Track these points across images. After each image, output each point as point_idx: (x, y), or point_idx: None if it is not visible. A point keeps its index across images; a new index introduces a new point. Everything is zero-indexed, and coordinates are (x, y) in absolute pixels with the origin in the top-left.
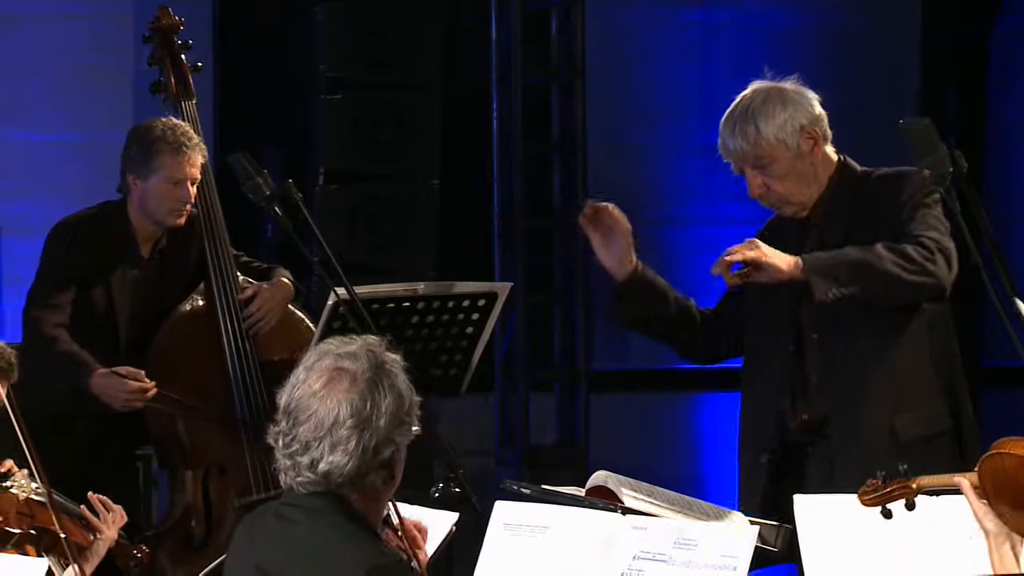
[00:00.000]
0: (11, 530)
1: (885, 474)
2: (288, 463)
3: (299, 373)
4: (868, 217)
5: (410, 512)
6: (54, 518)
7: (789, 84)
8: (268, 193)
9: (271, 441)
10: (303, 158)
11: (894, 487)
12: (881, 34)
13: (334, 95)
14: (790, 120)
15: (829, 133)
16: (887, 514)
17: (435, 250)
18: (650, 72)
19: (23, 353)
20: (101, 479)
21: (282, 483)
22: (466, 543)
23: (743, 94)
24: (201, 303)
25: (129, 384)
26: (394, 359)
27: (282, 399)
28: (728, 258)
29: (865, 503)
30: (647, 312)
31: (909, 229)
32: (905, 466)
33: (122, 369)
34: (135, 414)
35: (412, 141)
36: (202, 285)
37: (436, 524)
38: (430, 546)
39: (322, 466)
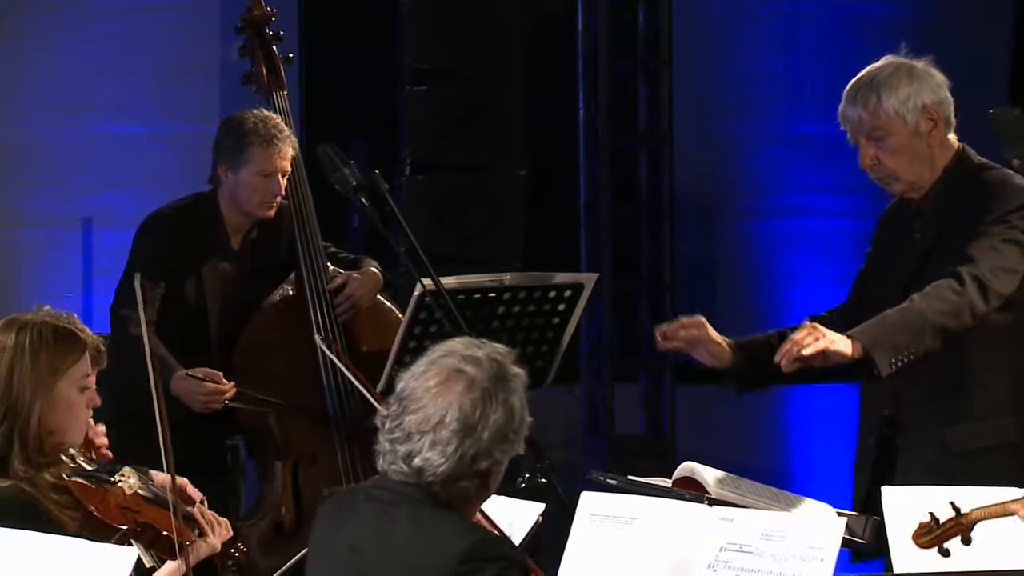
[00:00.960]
0: (114, 526)
1: (934, 515)
2: (387, 447)
3: (422, 363)
4: (964, 221)
5: (497, 504)
6: (159, 514)
7: (921, 63)
8: (355, 184)
9: (378, 422)
10: (389, 149)
11: (947, 526)
12: (970, 23)
13: (420, 86)
14: (913, 96)
15: (953, 120)
16: (944, 553)
17: (521, 240)
18: (737, 62)
19: (111, 347)
20: (191, 469)
21: (378, 466)
22: (552, 534)
23: (873, 65)
24: (291, 294)
25: (206, 386)
26: (517, 373)
27: (399, 383)
28: (798, 351)
29: (921, 546)
30: (763, 374)
31: (967, 249)
32: (954, 503)
33: (199, 371)
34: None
35: (498, 131)
36: (292, 276)
37: (522, 515)
38: (518, 535)
39: (417, 461)
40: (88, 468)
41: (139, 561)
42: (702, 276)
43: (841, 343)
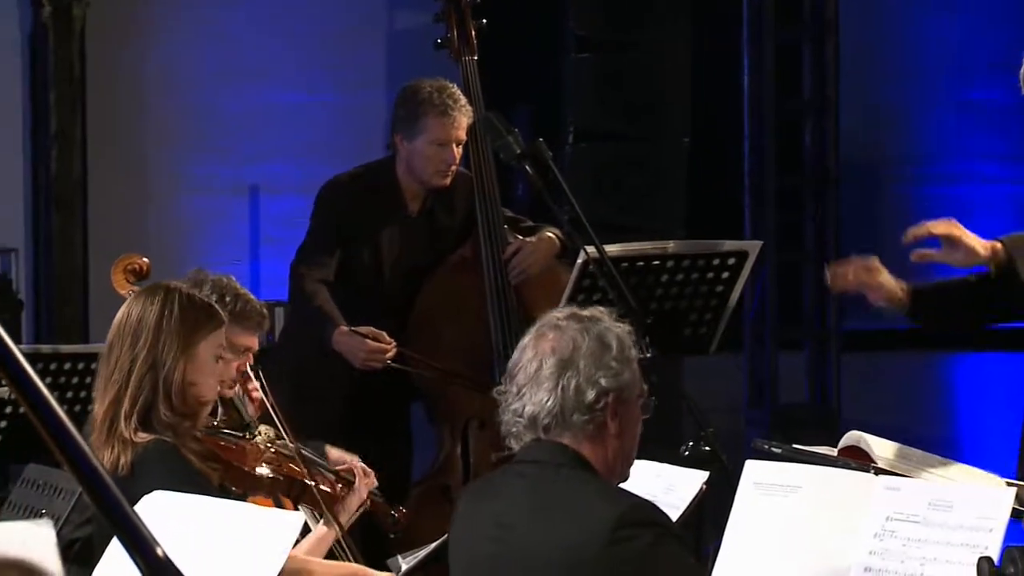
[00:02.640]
0: (264, 473)
1: None
2: (506, 418)
3: (523, 338)
4: None
5: (660, 471)
6: (300, 468)
7: None
8: (519, 152)
9: (501, 411)
10: (553, 116)
11: None
12: None
13: (583, 53)
14: None
15: None
16: None
17: (685, 208)
18: (904, 28)
19: (290, 309)
20: (369, 432)
21: (511, 446)
22: (716, 502)
23: None
24: (467, 260)
25: (368, 344)
26: (608, 317)
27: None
28: (920, 231)
29: None
30: (944, 317)
31: None
32: None
33: (363, 329)
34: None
35: (662, 99)
36: (469, 242)
37: (686, 483)
38: (681, 504)
39: (528, 408)
40: (223, 426)
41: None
42: (867, 244)
43: (977, 241)
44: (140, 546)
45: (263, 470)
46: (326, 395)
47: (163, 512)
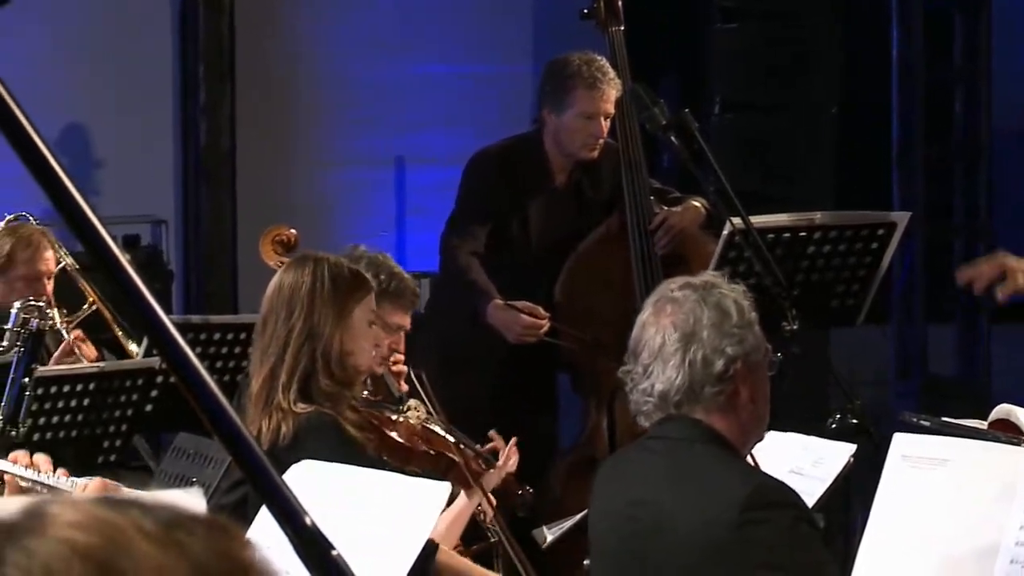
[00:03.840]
0: (415, 446)
1: None
2: (635, 397)
3: (640, 313)
4: None
5: (806, 443)
6: (448, 443)
7: None
8: (665, 123)
9: (625, 385)
10: (699, 87)
11: None
12: None
13: (729, 23)
14: None
15: None
16: None
17: (832, 179)
18: None
19: (439, 281)
20: (516, 404)
21: (641, 424)
22: (863, 475)
23: None
24: (613, 231)
25: (523, 319)
26: (725, 283)
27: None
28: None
29: None
30: None
31: None
32: None
33: (519, 303)
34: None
35: (809, 69)
36: (615, 213)
37: (833, 456)
38: (828, 478)
39: (658, 386)
40: (377, 399)
41: None
42: (1019, 215)
43: None
44: (289, 514)
45: (414, 443)
46: (474, 367)
47: (312, 481)
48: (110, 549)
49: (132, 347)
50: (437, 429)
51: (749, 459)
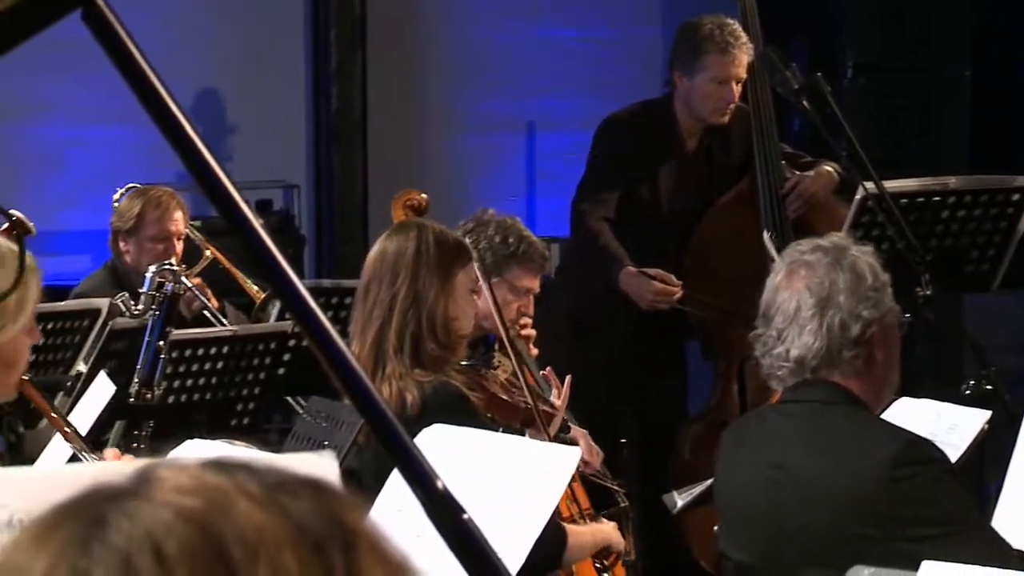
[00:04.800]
0: (513, 402)
1: None
2: (768, 361)
3: (771, 276)
4: None
5: (940, 410)
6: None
7: None
8: (797, 87)
9: (755, 348)
10: (831, 51)
11: None
12: None
13: None
14: None
15: None
16: None
17: (965, 143)
18: None
19: (569, 246)
20: (645, 369)
21: (774, 387)
22: (998, 442)
23: None
24: (744, 196)
25: (655, 286)
26: (854, 245)
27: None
28: None
29: None
30: None
31: None
32: None
33: (651, 271)
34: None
35: (942, 32)
36: (746, 177)
37: (967, 422)
38: (962, 444)
39: (794, 352)
40: (469, 360)
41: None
42: None
43: None
44: (420, 478)
45: (512, 399)
46: (603, 332)
47: (442, 445)
48: (212, 511)
49: (252, 286)
50: (521, 385)
51: None
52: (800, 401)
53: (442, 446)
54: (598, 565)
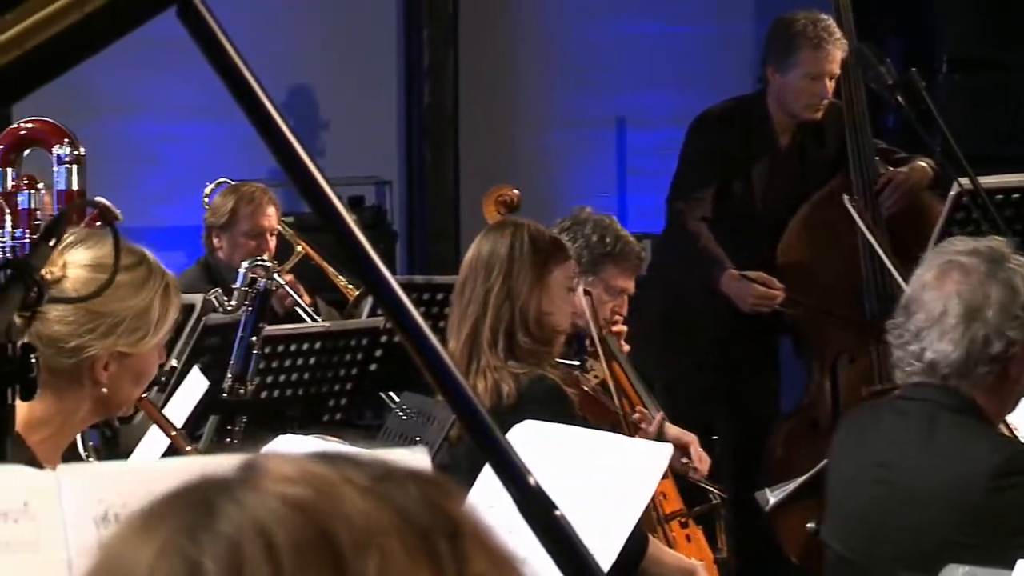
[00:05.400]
0: (606, 403)
1: None
2: (899, 354)
3: (919, 268)
4: None
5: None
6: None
7: None
8: (891, 83)
9: (888, 336)
10: (925, 47)
11: None
12: None
13: None
14: None
15: None
16: None
17: None
18: None
19: (663, 244)
20: (737, 367)
21: (896, 378)
22: None
23: None
24: (837, 192)
25: (758, 289)
26: (1012, 253)
27: (904, 295)
28: None
29: None
30: None
31: None
32: None
33: (753, 274)
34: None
35: None
36: (839, 174)
37: None
38: None
39: (928, 355)
40: (566, 358)
41: None
42: None
43: None
44: (512, 474)
45: (605, 400)
46: (695, 329)
47: (534, 440)
48: (320, 500)
49: (344, 283)
50: (617, 388)
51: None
52: (917, 399)
53: (534, 442)
54: None
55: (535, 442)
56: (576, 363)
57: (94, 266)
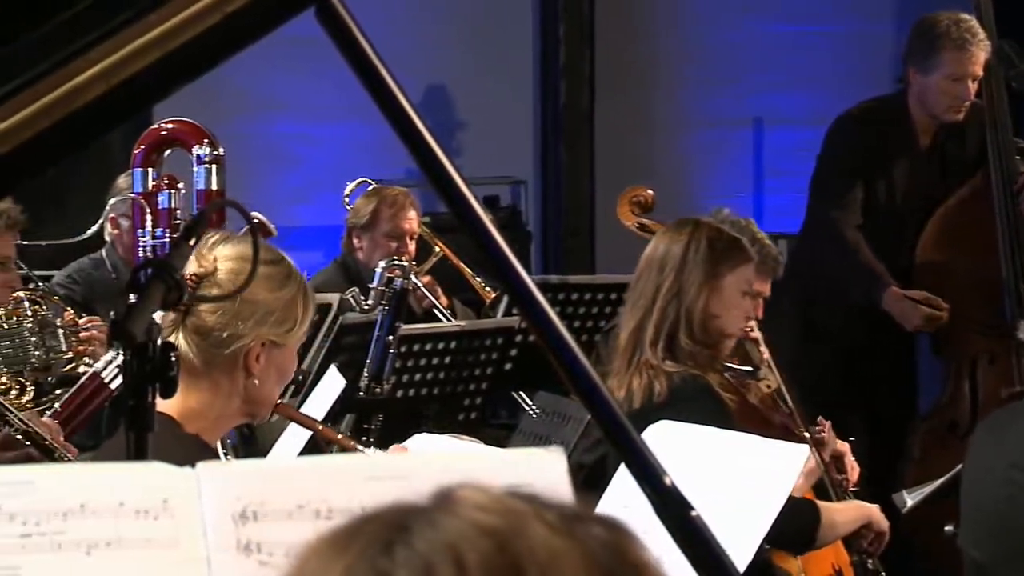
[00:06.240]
0: (769, 415)
1: None
2: None
3: None
4: None
5: None
6: (794, 419)
7: None
8: None
9: (1020, 334)
10: None
11: None
12: None
13: None
14: None
15: None
16: None
17: None
18: None
19: (802, 246)
20: (874, 369)
21: None
22: None
23: None
24: (977, 193)
25: (923, 310)
26: None
27: None
28: None
29: None
30: None
31: None
32: None
33: (916, 294)
34: None
35: None
36: (979, 174)
37: None
38: None
39: None
40: (736, 365)
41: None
42: None
43: None
44: (648, 474)
45: (768, 412)
46: (831, 331)
47: (669, 440)
48: (510, 531)
49: (481, 285)
50: (783, 401)
51: None
52: None
53: (669, 442)
54: (855, 559)
55: (670, 442)
56: (749, 369)
57: (243, 258)
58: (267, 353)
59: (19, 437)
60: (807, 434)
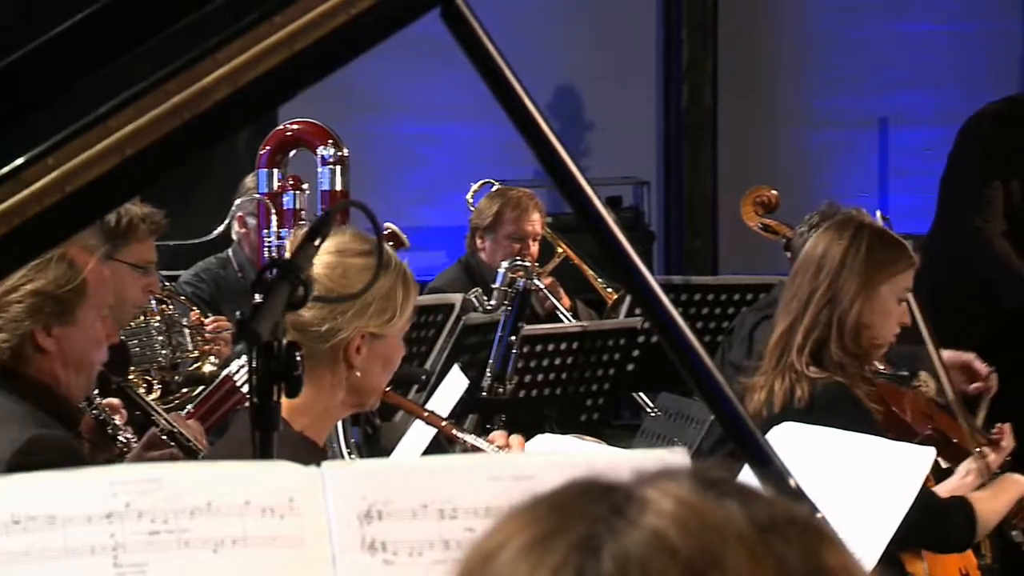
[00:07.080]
0: (913, 427)
1: None
2: None
3: None
4: None
5: None
6: (956, 426)
7: None
8: None
9: None
10: None
11: None
12: None
13: None
14: None
15: None
16: None
17: None
18: None
19: (931, 247)
20: (1002, 369)
21: None
22: None
23: None
24: None
25: None
26: None
27: None
28: None
29: None
30: None
31: None
32: None
33: None
34: None
35: None
36: None
37: None
38: None
39: None
40: (890, 371)
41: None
42: None
43: None
44: (773, 476)
45: (918, 421)
46: (958, 334)
47: (794, 442)
48: (703, 557)
49: (603, 286)
50: (941, 403)
51: None
52: None
53: (794, 444)
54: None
55: (795, 444)
56: (903, 374)
57: (339, 252)
58: (368, 344)
59: (164, 437)
60: (979, 438)
